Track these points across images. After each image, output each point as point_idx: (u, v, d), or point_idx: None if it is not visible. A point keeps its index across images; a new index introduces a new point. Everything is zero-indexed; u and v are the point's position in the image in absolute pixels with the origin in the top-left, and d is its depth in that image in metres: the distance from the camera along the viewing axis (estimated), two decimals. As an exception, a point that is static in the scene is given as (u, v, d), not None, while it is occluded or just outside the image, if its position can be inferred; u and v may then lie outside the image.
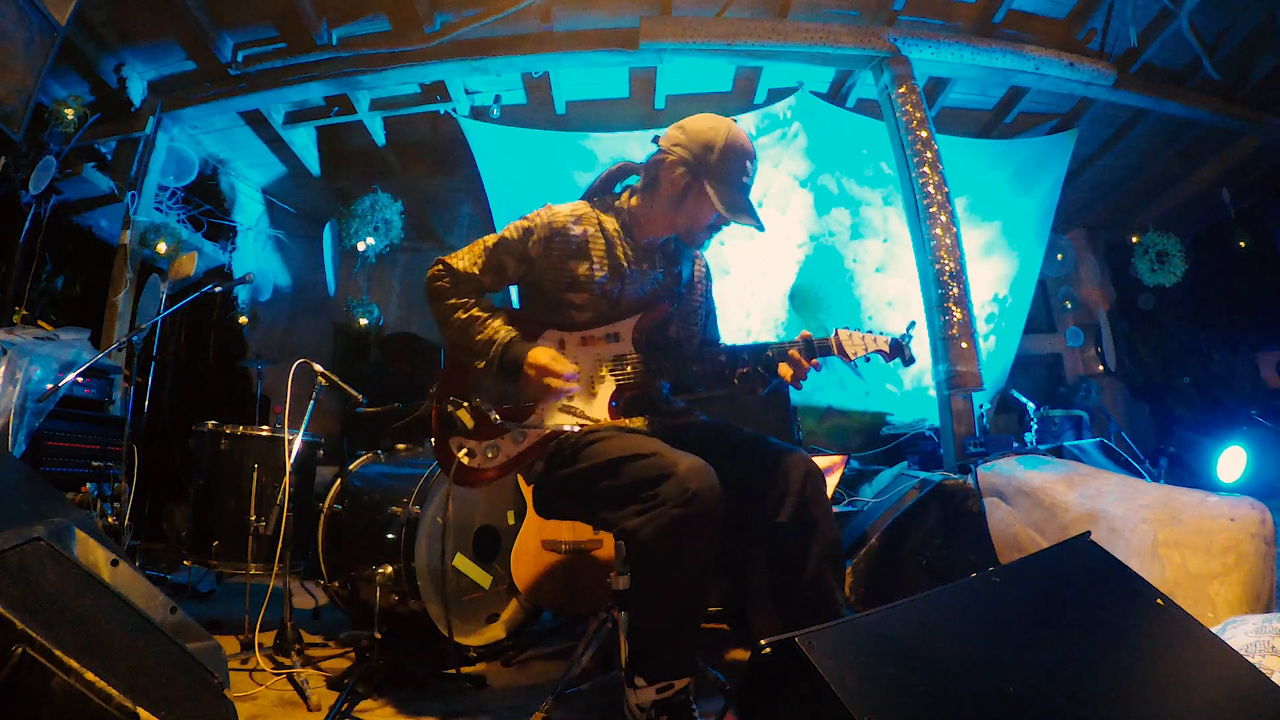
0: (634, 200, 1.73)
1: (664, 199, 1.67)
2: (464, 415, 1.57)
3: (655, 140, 1.70)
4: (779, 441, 1.62)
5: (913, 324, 1.69)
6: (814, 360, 1.61)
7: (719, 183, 1.60)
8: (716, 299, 1.96)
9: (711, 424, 1.73)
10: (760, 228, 1.62)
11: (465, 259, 1.67)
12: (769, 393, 1.69)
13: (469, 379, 1.67)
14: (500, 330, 1.61)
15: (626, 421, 1.64)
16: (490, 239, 1.69)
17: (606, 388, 1.64)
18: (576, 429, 1.59)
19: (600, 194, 1.79)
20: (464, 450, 1.59)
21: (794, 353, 1.60)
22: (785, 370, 1.61)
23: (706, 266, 1.93)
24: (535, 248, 1.65)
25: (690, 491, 1.34)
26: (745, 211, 1.62)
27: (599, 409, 1.63)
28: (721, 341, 1.95)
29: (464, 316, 1.63)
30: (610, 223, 1.71)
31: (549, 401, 1.61)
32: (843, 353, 1.64)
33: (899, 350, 1.66)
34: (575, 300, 1.66)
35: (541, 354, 1.56)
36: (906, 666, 0.91)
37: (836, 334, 1.64)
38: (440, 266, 1.68)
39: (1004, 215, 5.75)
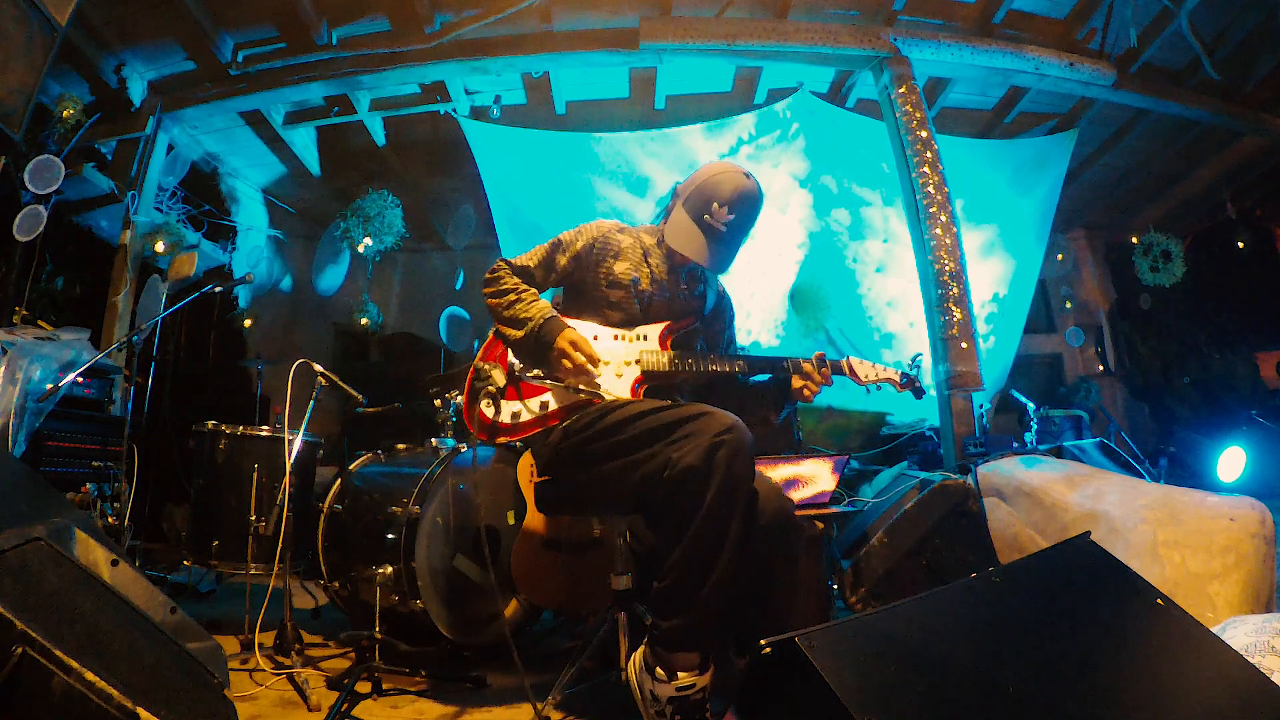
0: (664, 223, 1.92)
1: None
2: (497, 373, 1.66)
3: None
4: None
5: (918, 355, 1.84)
6: (825, 371, 1.77)
7: (685, 212, 1.81)
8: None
9: None
10: (705, 265, 1.81)
11: (522, 257, 1.87)
12: (782, 420, 1.82)
13: (507, 351, 1.79)
14: (545, 309, 1.75)
15: None
16: (549, 241, 1.89)
17: (632, 373, 1.75)
18: (599, 400, 1.67)
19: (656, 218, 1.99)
20: (488, 404, 1.65)
21: (808, 366, 1.77)
22: (798, 383, 1.78)
23: (729, 299, 2.10)
24: (584, 247, 1.85)
25: (727, 425, 1.40)
26: (686, 241, 1.78)
27: (622, 390, 1.73)
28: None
29: (513, 296, 1.78)
30: (649, 239, 1.91)
31: (574, 379, 1.69)
32: (854, 375, 1.82)
33: (910, 383, 1.82)
34: (612, 298, 1.81)
35: (573, 333, 1.69)
36: (906, 666, 0.91)
37: (848, 360, 1.82)
38: (500, 262, 1.86)
39: (1004, 215, 5.74)
